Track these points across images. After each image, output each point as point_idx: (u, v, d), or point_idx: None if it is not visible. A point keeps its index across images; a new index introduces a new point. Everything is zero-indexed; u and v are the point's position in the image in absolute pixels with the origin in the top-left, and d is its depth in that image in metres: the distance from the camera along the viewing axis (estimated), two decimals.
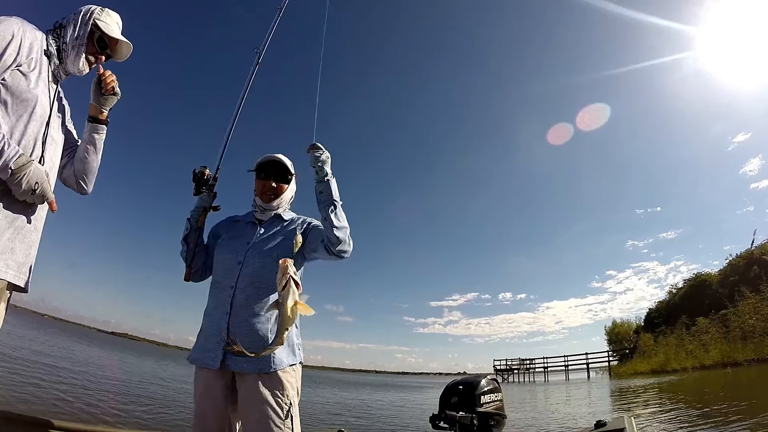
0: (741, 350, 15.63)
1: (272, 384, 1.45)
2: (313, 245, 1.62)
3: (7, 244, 1.18)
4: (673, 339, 20.42)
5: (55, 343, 20.26)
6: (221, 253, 1.65)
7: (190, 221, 1.71)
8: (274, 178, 1.71)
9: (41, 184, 1.19)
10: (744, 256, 21.18)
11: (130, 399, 7.43)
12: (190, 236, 1.70)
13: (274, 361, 1.46)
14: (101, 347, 27.55)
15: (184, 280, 1.70)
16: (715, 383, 12.26)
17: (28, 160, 1.17)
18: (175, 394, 9.30)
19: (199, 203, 1.74)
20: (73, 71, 1.40)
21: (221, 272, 1.61)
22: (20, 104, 1.21)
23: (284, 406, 1.44)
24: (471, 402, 1.97)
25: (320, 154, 1.58)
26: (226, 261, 1.61)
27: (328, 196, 1.55)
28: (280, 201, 1.72)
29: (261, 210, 1.72)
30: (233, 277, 1.55)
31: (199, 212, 1.72)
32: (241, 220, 1.77)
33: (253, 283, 1.53)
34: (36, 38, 1.29)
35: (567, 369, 28.73)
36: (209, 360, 1.49)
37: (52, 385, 7.03)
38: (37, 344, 15.87)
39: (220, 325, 1.51)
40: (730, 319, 17.56)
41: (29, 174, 1.16)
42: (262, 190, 1.71)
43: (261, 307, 1.52)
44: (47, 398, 5.78)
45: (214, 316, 1.55)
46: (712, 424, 5.41)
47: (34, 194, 1.19)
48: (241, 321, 1.50)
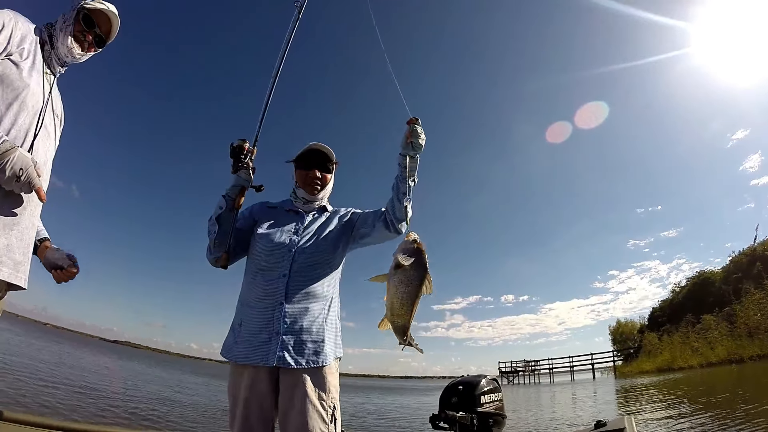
0: (747, 346, 15.57)
1: (318, 382, 1.40)
2: (366, 227, 1.61)
3: (3, 240, 1.15)
4: (678, 337, 20.30)
5: (70, 352, 20.22)
6: (267, 241, 1.55)
7: (226, 199, 1.56)
8: (318, 168, 1.65)
9: (26, 170, 1.14)
10: (746, 253, 21.08)
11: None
12: (223, 217, 1.55)
13: (324, 354, 1.44)
14: (120, 357, 27.45)
15: (220, 267, 1.58)
16: (723, 380, 12.22)
17: (12, 146, 1.12)
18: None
19: (237, 181, 1.57)
20: (63, 53, 1.39)
21: (268, 260, 1.51)
22: (10, 93, 1.19)
23: (328, 410, 1.39)
24: (471, 402, 1.96)
25: (422, 130, 1.50)
26: (276, 248, 1.52)
27: (413, 171, 1.50)
28: (325, 192, 1.69)
29: (304, 201, 1.67)
30: (285, 265, 1.49)
31: (236, 191, 1.57)
32: (278, 206, 1.69)
33: (308, 271, 1.50)
34: (29, 30, 1.29)
35: (572, 370, 28.54)
36: (260, 356, 1.39)
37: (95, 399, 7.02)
38: (60, 356, 15.75)
39: (273, 316, 1.43)
40: (735, 315, 17.47)
41: (13, 160, 1.11)
42: (306, 181, 1.65)
43: (316, 295, 1.49)
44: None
45: (261, 306, 1.45)
46: (718, 419, 5.37)
47: (19, 181, 1.14)
48: (299, 310, 1.44)
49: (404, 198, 1.49)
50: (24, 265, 1.25)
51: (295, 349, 1.40)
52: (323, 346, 1.44)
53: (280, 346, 1.39)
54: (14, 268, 1.20)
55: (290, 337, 1.41)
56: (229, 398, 1.45)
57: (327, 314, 1.51)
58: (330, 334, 1.50)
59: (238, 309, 1.53)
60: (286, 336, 1.41)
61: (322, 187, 1.67)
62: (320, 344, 1.44)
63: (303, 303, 1.46)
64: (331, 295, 1.56)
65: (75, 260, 1.42)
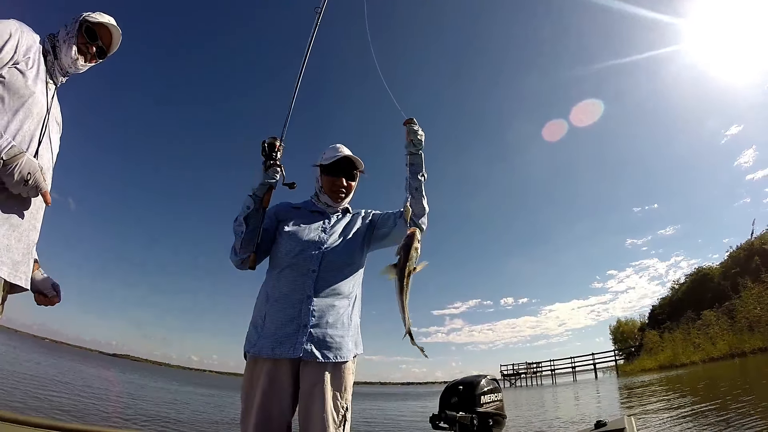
0: (748, 340, 15.67)
1: (337, 379, 1.42)
2: (387, 227, 1.67)
3: (2, 240, 1.17)
4: (679, 334, 20.33)
5: (71, 367, 20.04)
6: (296, 239, 1.56)
7: (254, 198, 1.55)
8: (345, 176, 1.68)
9: (33, 174, 1.18)
10: (744, 248, 21.20)
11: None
12: (251, 216, 1.54)
13: (348, 350, 1.47)
14: (121, 370, 27.24)
15: (248, 268, 1.57)
16: (727, 373, 12.27)
17: (20, 150, 1.17)
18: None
19: (267, 179, 1.56)
20: (67, 64, 1.43)
21: (298, 257, 1.52)
22: (17, 101, 1.23)
23: (341, 410, 1.40)
24: (471, 402, 1.94)
25: (418, 128, 1.59)
26: (306, 246, 1.54)
27: (420, 167, 1.59)
28: (348, 199, 1.73)
29: (326, 206, 1.70)
30: (314, 261, 1.51)
31: (264, 189, 1.56)
32: (302, 207, 1.71)
33: (336, 269, 1.53)
34: (34, 40, 1.33)
35: (574, 371, 28.47)
36: (287, 348, 1.40)
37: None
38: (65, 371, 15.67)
39: (301, 309, 1.45)
40: (735, 310, 17.54)
41: (21, 164, 1.15)
42: (331, 188, 1.67)
43: (342, 292, 1.53)
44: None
45: (289, 300, 1.47)
46: (725, 412, 5.36)
47: (27, 185, 1.18)
48: (326, 305, 1.47)
49: (416, 193, 1.57)
50: (24, 266, 1.26)
51: (321, 342, 1.42)
52: (347, 342, 1.48)
53: (307, 338, 1.41)
54: (13, 268, 1.21)
55: (317, 330, 1.44)
56: (244, 392, 1.44)
57: (351, 312, 1.55)
58: (352, 331, 1.54)
59: (260, 306, 1.54)
60: (314, 329, 1.43)
61: (347, 195, 1.70)
62: (344, 340, 1.48)
63: (330, 299, 1.49)
64: (355, 293, 1.61)
65: (59, 290, 1.45)
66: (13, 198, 1.20)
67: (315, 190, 1.74)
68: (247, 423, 1.39)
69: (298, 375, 1.42)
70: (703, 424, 5.12)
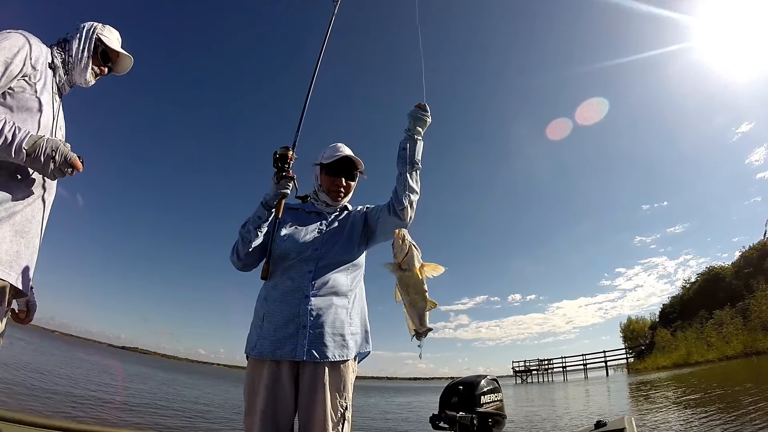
0: (762, 340, 15.58)
1: (335, 379, 1.41)
2: (374, 219, 1.62)
3: (11, 247, 1.21)
4: (692, 332, 20.06)
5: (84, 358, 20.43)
6: (293, 240, 1.56)
7: (266, 208, 1.56)
8: (345, 176, 1.68)
9: (56, 149, 1.20)
10: (757, 248, 20.83)
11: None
12: (262, 226, 1.57)
13: (348, 349, 1.46)
14: (130, 362, 27.60)
15: (262, 279, 1.56)
16: (744, 371, 12.27)
17: (39, 136, 1.19)
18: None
19: (279, 191, 1.55)
20: (79, 82, 1.48)
21: (295, 258, 1.53)
22: (26, 111, 1.27)
23: (339, 410, 1.40)
24: (471, 402, 1.94)
25: (424, 114, 1.52)
26: (303, 248, 1.54)
27: (412, 153, 1.50)
28: (347, 198, 1.72)
29: (326, 205, 1.70)
30: (312, 261, 1.52)
31: (277, 200, 1.57)
32: (300, 208, 1.71)
33: (333, 267, 1.53)
34: (41, 52, 1.36)
35: (585, 368, 28.25)
36: (287, 350, 1.40)
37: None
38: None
39: (299, 309, 1.44)
40: (749, 309, 17.26)
41: (43, 146, 1.18)
42: (331, 188, 1.67)
43: (340, 290, 1.52)
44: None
45: (287, 301, 1.47)
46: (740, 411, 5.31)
47: (55, 162, 1.20)
48: (324, 304, 1.47)
49: (401, 179, 1.51)
50: (30, 272, 1.31)
51: (321, 342, 1.42)
52: (347, 341, 1.46)
53: (307, 339, 1.40)
54: (22, 275, 1.26)
55: (316, 330, 1.43)
56: (247, 392, 1.44)
57: (351, 309, 1.54)
58: (354, 329, 1.52)
59: (260, 306, 1.54)
60: (313, 329, 1.42)
61: (346, 194, 1.71)
62: (344, 338, 1.46)
63: (328, 297, 1.48)
64: (356, 291, 1.59)
65: (33, 310, 1.48)
66: (22, 204, 1.24)
67: (314, 187, 1.74)
68: (251, 424, 1.40)
69: (298, 375, 1.43)
70: (726, 420, 5.08)
